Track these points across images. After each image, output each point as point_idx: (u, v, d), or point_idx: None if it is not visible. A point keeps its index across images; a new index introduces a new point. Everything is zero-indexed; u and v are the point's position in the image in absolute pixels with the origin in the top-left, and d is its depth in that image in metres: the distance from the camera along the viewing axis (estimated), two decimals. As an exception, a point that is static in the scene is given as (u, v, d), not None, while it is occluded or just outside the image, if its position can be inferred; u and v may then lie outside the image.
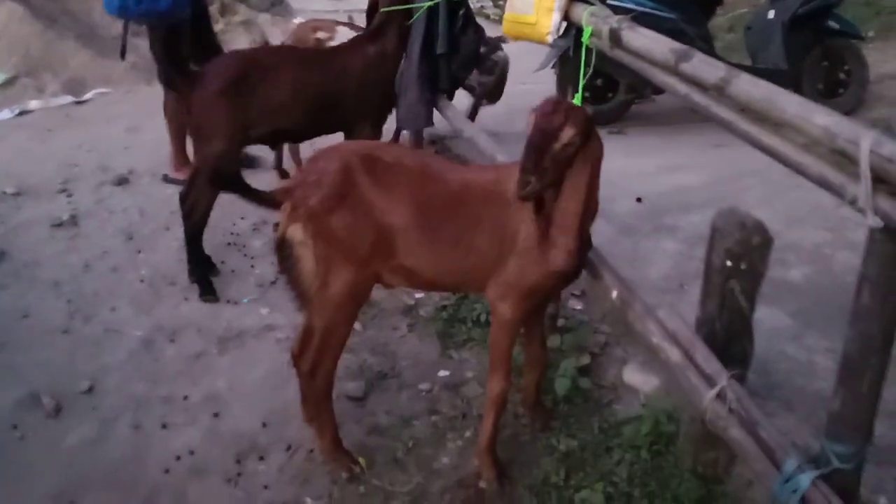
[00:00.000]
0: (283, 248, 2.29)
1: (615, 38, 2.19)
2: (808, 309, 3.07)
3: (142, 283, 3.53)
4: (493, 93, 4.44)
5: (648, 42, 2.06)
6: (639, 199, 4.11)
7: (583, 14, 2.39)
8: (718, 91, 1.78)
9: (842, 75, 5.41)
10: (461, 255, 2.21)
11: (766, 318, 2.70)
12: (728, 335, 2.23)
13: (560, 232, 2.00)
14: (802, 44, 5.21)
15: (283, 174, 4.47)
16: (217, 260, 3.62)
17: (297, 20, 7.18)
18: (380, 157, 2.27)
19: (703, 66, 1.84)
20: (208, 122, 3.25)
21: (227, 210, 3.67)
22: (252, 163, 4.53)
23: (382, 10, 3.64)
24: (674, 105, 5.21)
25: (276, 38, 6.46)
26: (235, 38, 6.33)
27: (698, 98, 1.91)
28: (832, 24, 5.27)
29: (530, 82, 5.58)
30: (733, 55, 6.12)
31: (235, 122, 3.25)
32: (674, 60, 1.92)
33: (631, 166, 4.34)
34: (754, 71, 1.71)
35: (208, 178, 2.96)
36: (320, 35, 4.09)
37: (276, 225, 2.33)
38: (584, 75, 2.33)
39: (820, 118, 1.54)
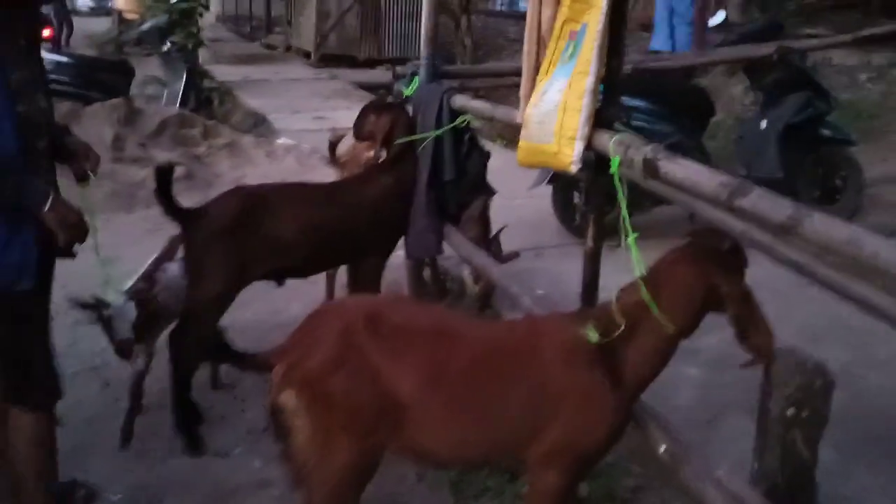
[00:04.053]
0: (276, 416, 2.04)
1: (650, 168, 2.02)
2: (851, 441, 2.84)
3: (121, 436, 3.18)
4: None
5: (693, 174, 1.88)
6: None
7: (609, 143, 2.23)
8: (787, 231, 1.59)
9: (838, 182, 5.42)
10: (490, 427, 1.98)
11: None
12: (791, 491, 2.03)
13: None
14: (797, 152, 5.22)
15: None
16: (204, 404, 3.30)
17: (281, 140, 7.13)
18: (388, 315, 2.05)
19: (765, 202, 1.65)
20: (205, 262, 3.04)
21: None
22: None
23: (398, 140, 3.55)
24: (673, 215, 5.11)
25: (261, 160, 6.30)
26: (218, 161, 6.15)
27: (760, 237, 1.72)
28: (825, 131, 5.32)
29: (521, 198, 5.49)
30: (721, 164, 6.12)
31: (235, 263, 3.04)
32: (726, 195, 1.74)
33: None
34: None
35: (195, 335, 2.79)
36: (371, 153, 3.91)
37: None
38: (622, 206, 2.13)
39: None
